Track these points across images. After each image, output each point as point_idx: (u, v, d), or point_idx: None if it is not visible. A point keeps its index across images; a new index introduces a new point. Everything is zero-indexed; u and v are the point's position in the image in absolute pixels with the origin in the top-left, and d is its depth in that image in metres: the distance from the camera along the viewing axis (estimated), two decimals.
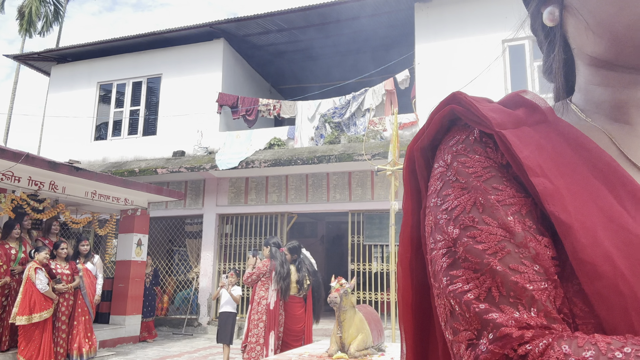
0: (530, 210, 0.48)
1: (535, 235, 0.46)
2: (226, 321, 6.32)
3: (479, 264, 0.45)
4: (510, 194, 0.48)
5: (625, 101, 0.53)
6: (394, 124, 5.99)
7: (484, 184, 0.49)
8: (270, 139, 10.43)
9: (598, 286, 0.43)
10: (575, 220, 0.45)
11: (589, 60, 0.54)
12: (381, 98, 10.07)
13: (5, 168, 6.60)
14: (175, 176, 10.63)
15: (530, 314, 0.43)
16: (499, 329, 0.42)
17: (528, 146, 0.49)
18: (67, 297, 6.88)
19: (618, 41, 0.49)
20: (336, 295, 4.05)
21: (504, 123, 0.50)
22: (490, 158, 0.50)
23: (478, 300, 0.44)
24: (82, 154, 11.59)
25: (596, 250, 0.43)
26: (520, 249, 0.45)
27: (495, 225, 0.47)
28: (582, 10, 0.52)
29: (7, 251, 6.70)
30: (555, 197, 0.46)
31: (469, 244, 0.46)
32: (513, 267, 0.45)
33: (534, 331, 0.42)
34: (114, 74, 12.21)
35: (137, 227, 9.24)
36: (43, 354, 6.31)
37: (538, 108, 0.54)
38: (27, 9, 20.53)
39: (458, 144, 0.53)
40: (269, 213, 10.46)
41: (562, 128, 0.52)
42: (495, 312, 0.43)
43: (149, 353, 7.84)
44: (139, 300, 9.07)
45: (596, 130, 0.53)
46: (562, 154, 0.49)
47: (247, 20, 10.88)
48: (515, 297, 0.43)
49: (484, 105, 0.52)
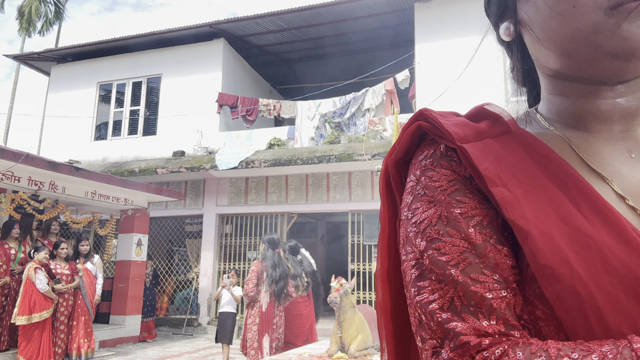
0: (491, 221, 0.50)
1: (495, 245, 0.49)
2: (226, 321, 6.31)
3: (443, 274, 0.48)
4: (473, 206, 0.51)
5: (583, 110, 0.55)
6: (394, 124, 5.99)
7: (449, 197, 0.51)
8: (270, 139, 10.43)
9: (556, 289, 0.44)
10: (533, 226, 0.47)
11: (547, 72, 0.57)
12: (381, 98, 10.07)
13: (5, 168, 6.60)
14: (175, 176, 10.63)
15: (489, 322, 0.45)
16: (459, 337, 0.45)
17: (488, 158, 0.51)
18: (66, 297, 6.88)
19: (566, 55, 0.51)
20: (336, 296, 4.05)
21: (466, 137, 0.53)
22: (455, 171, 0.53)
23: (442, 310, 0.47)
24: (82, 154, 11.58)
25: (554, 254, 0.45)
26: (481, 259, 0.48)
27: (458, 237, 0.49)
28: (532, 26, 0.54)
29: (6, 251, 6.70)
30: (514, 205, 0.48)
31: (434, 256, 0.49)
32: (474, 277, 0.47)
33: (491, 339, 0.44)
34: (114, 74, 12.21)
35: (137, 227, 9.24)
36: (43, 354, 6.31)
37: (501, 119, 0.56)
38: (27, 8, 20.53)
39: (426, 159, 0.55)
40: (269, 213, 10.46)
41: (523, 138, 0.54)
42: (456, 321, 0.46)
43: (149, 353, 7.84)
44: (139, 300, 9.06)
45: (558, 138, 0.55)
46: (522, 164, 0.52)
47: (247, 20, 10.88)
48: (475, 306, 0.46)
49: (449, 120, 0.55)
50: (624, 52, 0.47)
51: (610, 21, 0.47)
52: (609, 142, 0.54)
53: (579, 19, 0.48)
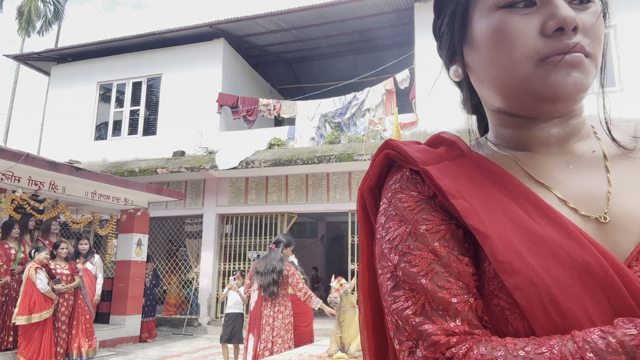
0: (453, 235, 0.58)
1: (457, 256, 0.56)
2: (234, 322, 6.29)
3: (414, 284, 0.55)
4: (437, 222, 0.58)
5: (524, 137, 0.64)
6: (394, 124, 5.99)
7: (416, 216, 0.59)
8: (270, 139, 10.43)
9: (515, 280, 0.52)
10: (490, 229, 0.55)
11: (491, 107, 0.66)
12: (381, 98, 10.07)
13: (5, 168, 6.60)
14: (175, 176, 10.63)
15: (456, 323, 0.53)
16: (430, 337, 0.52)
17: (447, 176, 0.59)
18: (67, 297, 6.88)
19: (505, 97, 0.61)
20: (336, 295, 4.05)
21: (427, 160, 0.61)
22: (420, 192, 0.61)
23: (415, 315, 0.54)
24: (82, 154, 11.58)
25: (509, 251, 0.53)
26: (446, 269, 0.55)
27: (425, 251, 0.56)
28: (477, 71, 0.63)
29: (7, 251, 6.70)
30: (472, 213, 0.56)
31: (406, 268, 0.56)
32: (441, 284, 0.54)
33: (458, 337, 0.52)
34: (114, 74, 12.21)
35: (137, 227, 9.24)
36: (43, 354, 6.31)
37: (456, 145, 0.65)
38: (27, 8, 20.52)
39: (395, 183, 0.63)
40: (269, 213, 10.46)
41: (476, 159, 0.63)
42: (428, 324, 0.53)
43: (149, 353, 7.84)
44: (139, 300, 9.06)
45: (506, 157, 0.64)
46: (476, 180, 0.60)
47: (247, 20, 10.88)
48: (443, 309, 0.53)
49: (412, 148, 0.63)
50: (551, 97, 0.57)
51: (539, 71, 0.56)
52: (550, 158, 0.62)
53: (515, 68, 0.57)
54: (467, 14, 0.63)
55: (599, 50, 0.57)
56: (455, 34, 0.65)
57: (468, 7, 0.62)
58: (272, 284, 4.93)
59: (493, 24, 0.58)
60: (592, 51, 0.56)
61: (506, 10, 0.58)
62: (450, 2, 0.65)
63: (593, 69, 0.57)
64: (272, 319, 4.90)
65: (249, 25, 11.19)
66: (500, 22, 0.58)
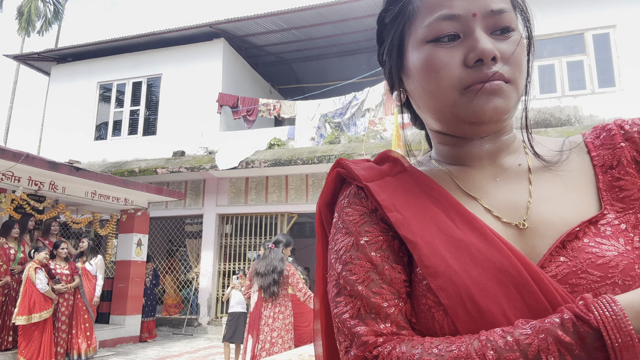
0: (389, 245, 0.65)
1: (391, 265, 0.63)
2: (238, 321, 6.29)
3: (353, 290, 0.62)
4: (376, 234, 0.65)
5: (459, 153, 0.71)
6: (394, 124, 5.98)
7: (359, 228, 0.66)
8: (270, 139, 10.43)
9: (439, 282, 0.58)
10: (419, 238, 0.62)
11: (431, 128, 0.74)
12: (381, 98, 10.07)
13: (5, 168, 6.60)
14: (175, 176, 10.63)
15: (385, 325, 0.60)
16: (361, 338, 0.59)
17: (386, 191, 0.67)
18: (67, 297, 6.88)
19: (439, 120, 0.68)
20: None
21: (371, 177, 0.69)
22: (364, 206, 0.68)
23: (351, 318, 0.61)
24: (82, 154, 11.58)
25: (435, 256, 0.60)
26: (380, 276, 0.62)
27: (364, 260, 0.64)
28: (414, 97, 0.70)
29: (6, 251, 6.70)
30: (404, 224, 0.63)
31: (347, 276, 0.63)
32: (375, 290, 0.61)
33: (385, 337, 0.59)
34: (114, 74, 12.20)
35: (137, 227, 9.24)
36: (43, 354, 6.30)
37: (398, 161, 0.73)
38: (27, 8, 20.51)
39: (344, 199, 0.71)
40: (269, 213, 10.46)
41: (415, 175, 0.70)
42: (361, 326, 0.60)
43: (149, 353, 7.84)
44: (139, 300, 9.06)
45: (442, 172, 0.72)
46: (412, 193, 0.67)
47: (247, 20, 10.88)
48: (375, 313, 0.60)
49: (359, 166, 0.71)
50: (475, 121, 0.64)
51: (464, 98, 0.62)
52: (480, 171, 0.69)
53: (443, 96, 0.64)
54: (403, 46, 0.69)
55: (520, 74, 0.64)
56: (394, 64, 0.72)
57: (403, 40, 0.69)
58: (273, 284, 4.90)
59: (422, 56, 0.65)
60: (512, 77, 0.62)
61: (433, 44, 0.64)
62: (388, 35, 0.72)
63: (514, 93, 0.63)
64: (271, 320, 4.88)
65: (249, 25, 11.18)
66: (428, 55, 0.64)
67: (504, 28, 0.63)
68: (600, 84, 8.91)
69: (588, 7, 9.04)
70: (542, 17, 10.20)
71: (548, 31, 9.17)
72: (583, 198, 0.64)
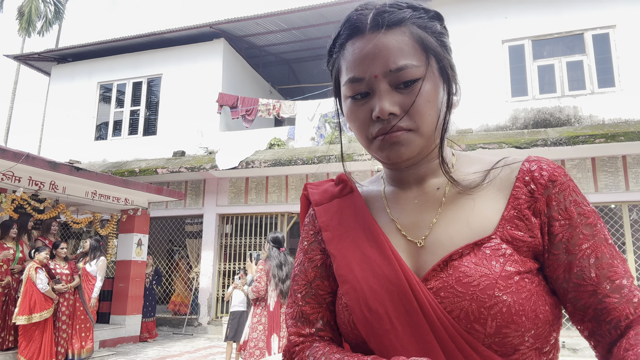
0: (323, 262, 0.82)
1: (322, 279, 0.81)
2: (240, 319, 6.29)
3: (295, 298, 0.82)
4: (316, 253, 0.83)
5: (394, 176, 0.82)
6: None
7: (308, 246, 0.84)
8: (270, 139, 10.43)
9: (345, 287, 0.74)
10: (338, 252, 0.77)
11: None
12: None
13: (5, 168, 6.60)
14: (176, 176, 10.63)
15: (309, 329, 0.78)
16: (290, 336, 0.79)
17: (327, 214, 0.83)
18: (67, 296, 6.88)
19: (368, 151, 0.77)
20: None
21: (321, 201, 0.85)
22: (314, 226, 0.85)
23: (291, 319, 0.81)
24: (83, 154, 11.58)
25: (346, 268, 0.75)
26: (312, 289, 0.81)
27: (304, 274, 0.82)
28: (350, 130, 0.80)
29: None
30: (332, 241, 0.79)
31: (293, 287, 0.83)
32: (307, 300, 0.80)
33: (304, 339, 0.78)
34: (114, 74, 12.21)
35: (138, 227, 9.24)
36: (44, 354, 6.31)
37: (347, 185, 0.86)
38: (27, 8, 20.51)
39: (307, 218, 0.88)
40: (269, 213, 10.46)
41: (355, 196, 0.84)
42: (293, 327, 0.80)
43: (149, 353, 7.84)
44: (139, 300, 9.06)
45: (379, 194, 0.84)
46: (346, 215, 0.81)
47: (247, 20, 10.88)
48: (304, 318, 0.79)
49: (316, 190, 0.88)
50: (385, 162, 0.76)
51: (373, 146, 0.74)
52: (406, 193, 0.80)
53: (362, 141, 0.75)
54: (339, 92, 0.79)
55: (422, 120, 0.70)
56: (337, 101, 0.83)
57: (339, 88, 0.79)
58: None
59: (346, 108, 0.76)
60: (412, 126, 0.70)
61: (351, 99, 0.74)
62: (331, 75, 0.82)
63: (416, 138, 0.71)
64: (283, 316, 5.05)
65: (249, 25, 11.19)
66: (348, 109, 0.75)
67: (406, 82, 0.70)
68: (600, 84, 8.91)
69: (588, 7, 9.04)
70: (542, 17, 10.13)
71: (548, 31, 9.17)
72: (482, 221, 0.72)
